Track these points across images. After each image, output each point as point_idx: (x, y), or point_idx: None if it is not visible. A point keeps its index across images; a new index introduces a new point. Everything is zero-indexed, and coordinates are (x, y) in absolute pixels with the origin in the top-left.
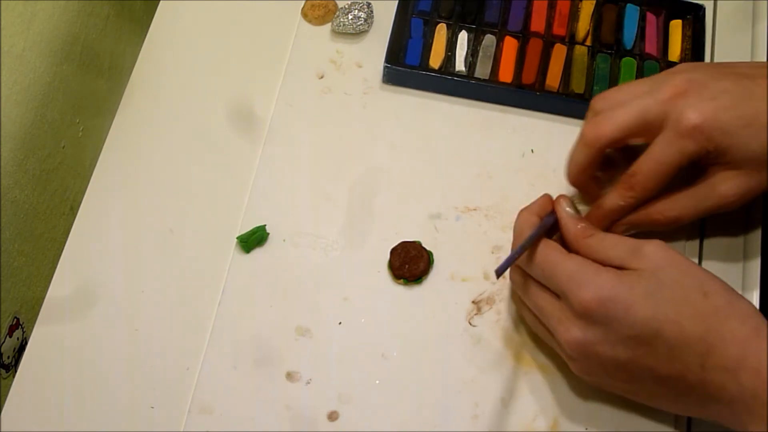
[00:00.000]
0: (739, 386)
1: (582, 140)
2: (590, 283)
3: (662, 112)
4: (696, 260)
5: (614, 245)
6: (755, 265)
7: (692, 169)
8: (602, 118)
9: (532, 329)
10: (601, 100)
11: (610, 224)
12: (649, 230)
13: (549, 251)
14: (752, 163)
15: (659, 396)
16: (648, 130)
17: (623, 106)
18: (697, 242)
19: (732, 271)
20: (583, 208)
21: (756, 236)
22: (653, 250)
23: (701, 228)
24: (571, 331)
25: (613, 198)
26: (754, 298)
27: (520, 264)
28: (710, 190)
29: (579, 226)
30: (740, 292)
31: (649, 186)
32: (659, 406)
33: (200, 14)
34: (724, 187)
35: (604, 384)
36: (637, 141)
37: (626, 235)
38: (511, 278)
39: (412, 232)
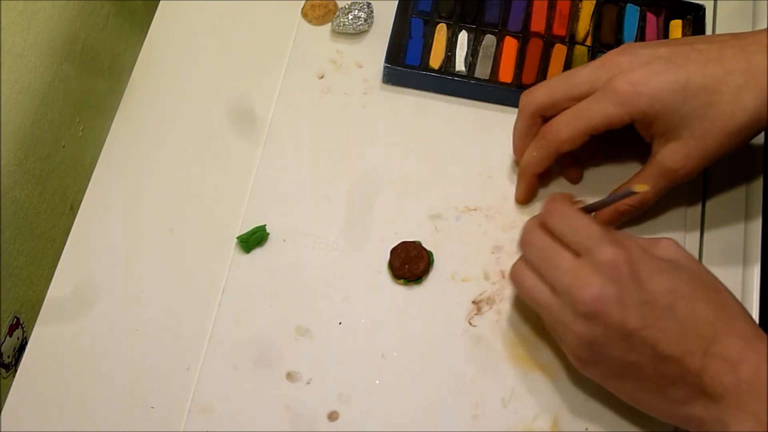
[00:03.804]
0: (737, 379)
1: (518, 109)
2: (620, 243)
3: (593, 76)
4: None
5: (635, 237)
6: (755, 265)
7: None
8: (536, 87)
9: (530, 301)
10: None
11: (528, 183)
12: (627, 219)
13: (580, 212)
14: (689, 130)
15: (649, 382)
16: (579, 96)
17: (559, 77)
18: (697, 242)
19: (732, 270)
20: None
21: (756, 236)
22: (668, 243)
23: (701, 227)
24: (588, 286)
25: (529, 150)
26: (754, 299)
27: (542, 216)
28: (658, 167)
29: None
30: (740, 291)
31: (560, 137)
32: (642, 400)
33: (200, 14)
34: (669, 161)
35: (597, 363)
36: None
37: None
38: (522, 240)
39: (412, 232)
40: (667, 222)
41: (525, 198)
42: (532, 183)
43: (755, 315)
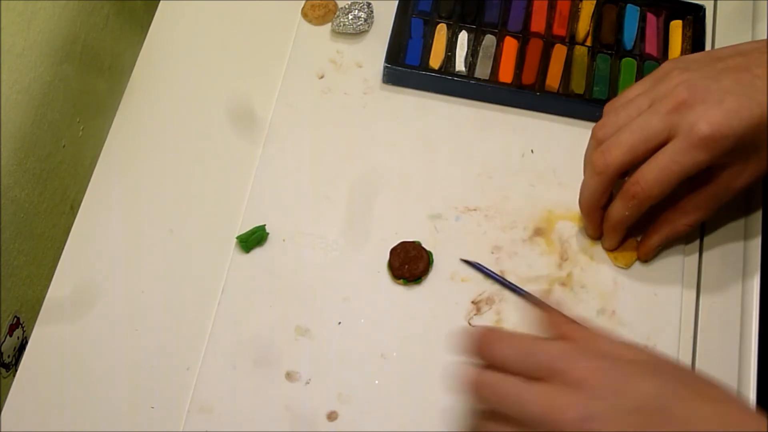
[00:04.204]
0: None
1: (592, 169)
2: (588, 355)
3: (668, 125)
4: (696, 259)
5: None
6: (755, 274)
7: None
8: (608, 145)
9: None
10: (602, 128)
11: (621, 236)
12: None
13: (526, 336)
14: (759, 155)
15: None
16: (657, 146)
17: (627, 128)
18: (697, 242)
19: (732, 277)
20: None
21: (756, 243)
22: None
23: (701, 226)
24: (569, 410)
25: (618, 209)
26: (754, 306)
27: (479, 353)
28: (723, 188)
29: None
30: (739, 300)
31: (653, 194)
32: None
33: (200, 14)
34: (737, 181)
35: None
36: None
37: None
38: (468, 388)
39: (412, 232)
40: None
41: (617, 246)
42: (624, 233)
43: (755, 322)
